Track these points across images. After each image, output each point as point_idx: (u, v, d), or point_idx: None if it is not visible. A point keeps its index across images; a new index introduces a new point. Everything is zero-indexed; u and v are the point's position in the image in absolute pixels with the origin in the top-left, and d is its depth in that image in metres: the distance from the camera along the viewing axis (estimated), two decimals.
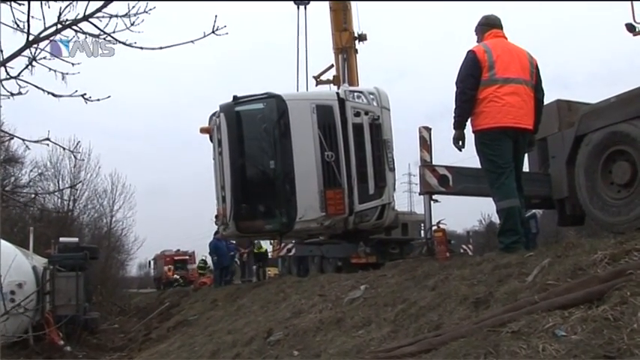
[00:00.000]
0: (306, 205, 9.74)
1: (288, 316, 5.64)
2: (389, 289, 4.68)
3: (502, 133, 5.28)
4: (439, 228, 7.22)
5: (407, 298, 4.19)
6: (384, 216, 10.04)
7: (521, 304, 2.95)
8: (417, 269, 5.03)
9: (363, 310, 4.51)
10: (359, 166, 9.99)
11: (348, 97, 10.18)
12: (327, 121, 9.96)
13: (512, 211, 5.21)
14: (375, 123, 10.06)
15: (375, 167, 10.02)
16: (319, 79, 17.93)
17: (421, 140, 8.05)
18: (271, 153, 10.09)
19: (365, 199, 9.95)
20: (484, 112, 5.30)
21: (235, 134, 10.05)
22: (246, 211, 10.04)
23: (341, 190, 9.79)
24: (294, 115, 9.96)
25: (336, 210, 9.76)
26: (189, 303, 13.00)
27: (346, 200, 9.79)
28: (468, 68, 5.35)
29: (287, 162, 9.88)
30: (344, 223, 10.02)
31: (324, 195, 9.72)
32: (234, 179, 9.98)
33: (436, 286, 4.17)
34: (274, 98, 10.13)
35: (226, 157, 10.05)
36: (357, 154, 9.99)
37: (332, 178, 9.83)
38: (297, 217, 9.75)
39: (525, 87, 5.39)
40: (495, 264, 4.08)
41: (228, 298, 10.06)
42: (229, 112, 10.11)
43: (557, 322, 2.58)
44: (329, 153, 9.81)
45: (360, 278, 5.81)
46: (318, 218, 9.77)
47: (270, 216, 10.14)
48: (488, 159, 5.36)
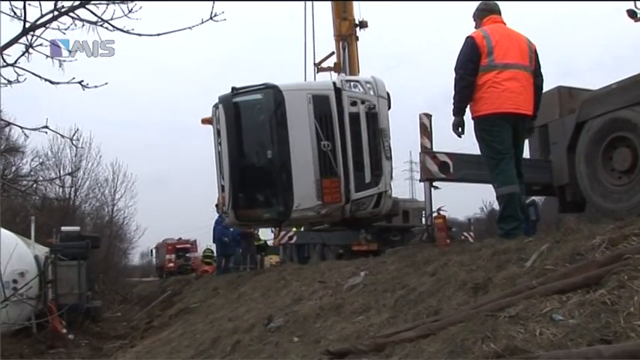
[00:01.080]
0: (302, 194, 9.87)
1: (288, 302, 5.66)
2: (389, 276, 4.70)
3: (501, 118, 5.29)
4: (439, 215, 7.24)
5: (406, 284, 4.21)
6: (381, 204, 10.13)
7: (519, 289, 2.95)
8: (417, 255, 5.04)
9: (362, 296, 4.52)
10: (355, 155, 10.08)
11: (345, 87, 10.23)
12: (324, 111, 10.04)
13: (512, 197, 5.22)
14: (371, 112, 10.09)
15: (372, 156, 10.10)
16: (320, 67, 17.87)
17: (422, 127, 8.06)
18: (268, 143, 10.21)
19: (361, 187, 10.02)
20: (483, 98, 5.30)
21: (233, 125, 10.16)
22: (244, 200, 10.17)
23: (337, 178, 9.89)
24: (290, 105, 10.04)
25: (333, 198, 9.86)
26: (190, 291, 13.05)
27: (342, 189, 9.88)
28: (467, 54, 5.35)
29: (284, 152, 10.00)
30: (341, 212, 10.10)
31: (320, 184, 9.83)
32: (233, 169, 10.11)
33: (435, 272, 4.18)
34: (271, 89, 10.22)
35: (225, 147, 10.21)
36: (354, 143, 10.08)
37: (328, 167, 9.93)
38: (294, 206, 9.86)
39: (524, 72, 5.38)
40: (494, 250, 4.09)
41: (230, 285, 10.14)
42: (228, 103, 10.22)
43: (554, 307, 2.58)
44: (325, 142, 9.89)
45: (360, 265, 5.83)
46: (315, 207, 9.88)
47: (267, 205, 10.30)
48: (488, 145, 5.37)
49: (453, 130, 5.47)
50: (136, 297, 17.79)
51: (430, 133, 8.05)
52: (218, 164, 10.61)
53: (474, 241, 8.26)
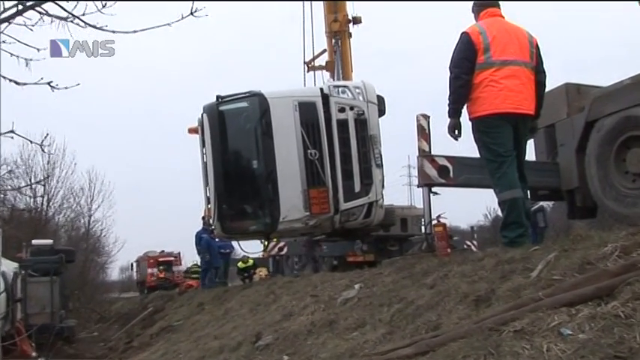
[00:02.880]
0: (289, 204, 10.02)
1: (278, 318, 5.66)
2: (385, 288, 4.71)
3: (501, 119, 5.27)
4: (439, 222, 7.22)
5: (404, 297, 4.21)
6: (372, 214, 10.22)
7: (524, 302, 2.95)
8: (415, 266, 5.02)
9: (357, 310, 4.53)
10: (344, 164, 10.24)
11: (332, 93, 10.38)
12: (310, 118, 10.22)
13: (515, 202, 5.20)
14: (360, 118, 10.22)
15: (361, 164, 10.24)
16: (311, 65, 17.89)
17: (419, 129, 8.06)
18: (254, 152, 10.44)
19: (351, 197, 10.17)
20: (481, 98, 5.29)
21: (218, 134, 10.37)
22: (229, 211, 10.36)
23: (325, 188, 10.05)
24: (276, 112, 10.21)
25: (321, 209, 9.98)
26: (173, 307, 13.03)
27: (331, 199, 10.04)
28: (462, 51, 5.34)
29: (269, 161, 10.18)
30: (330, 223, 10.23)
31: (307, 194, 9.99)
32: (218, 179, 10.33)
33: (435, 283, 4.18)
34: (256, 96, 10.41)
35: (209, 157, 10.43)
36: (342, 151, 10.24)
37: (316, 176, 10.09)
38: (281, 218, 10.01)
39: (525, 69, 5.37)
40: (498, 259, 4.09)
41: (215, 301, 10.15)
42: (212, 112, 10.44)
43: (563, 320, 2.57)
44: (312, 151, 10.06)
45: (355, 277, 5.83)
46: (302, 218, 10.03)
47: (253, 217, 10.51)
48: (488, 148, 5.36)
49: (449, 132, 5.45)
50: (114, 315, 17.76)
51: (428, 135, 8.02)
52: (204, 175, 10.82)
53: (476, 251, 8.28)
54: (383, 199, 10.57)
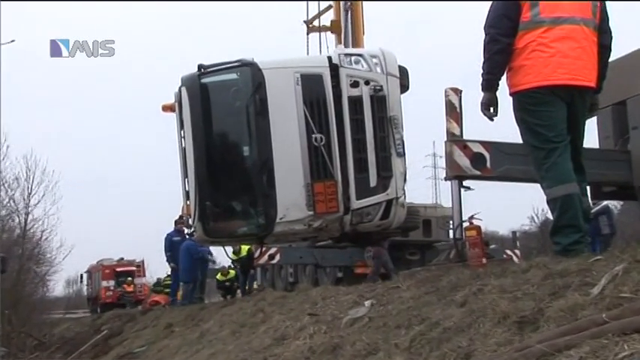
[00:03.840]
0: (288, 202, 10.04)
1: (268, 343, 5.72)
2: (403, 306, 4.72)
3: (551, 94, 5.23)
4: (472, 225, 7.23)
5: (427, 317, 4.22)
6: (391, 214, 10.25)
7: (582, 325, 2.96)
8: (442, 279, 5.06)
9: (367, 333, 4.53)
10: (357, 152, 10.25)
11: (343, 63, 10.37)
12: (316, 95, 10.23)
13: (570, 200, 5.17)
14: (378, 95, 10.26)
15: (378, 152, 10.26)
16: (312, 25, 17.84)
17: (448, 106, 8.02)
18: (245, 136, 10.51)
19: (365, 193, 10.19)
20: (525, 67, 5.26)
21: (200, 113, 10.36)
22: (213, 209, 10.36)
23: (333, 182, 10.05)
24: (272, 87, 10.23)
25: (328, 208, 10.00)
26: (134, 330, 13.12)
27: (340, 195, 10.04)
28: (501, 7, 5.33)
29: (264, 148, 10.21)
30: (339, 225, 10.24)
31: (311, 189, 9.99)
32: (199, 169, 10.32)
33: (466, 300, 4.19)
34: (248, 67, 10.43)
35: (189, 141, 10.43)
36: (355, 136, 10.25)
37: (321, 167, 10.10)
38: (278, 218, 10.01)
39: (584, 28, 5.31)
40: (547, 271, 4.09)
41: (188, 321, 10.22)
42: (193, 85, 10.43)
43: (635, 350, 2.56)
44: (317, 135, 10.07)
45: (365, 292, 5.89)
46: (305, 218, 10.04)
47: (244, 216, 10.58)
48: (534, 131, 5.33)
49: (482, 110, 5.48)
50: (57, 340, 17.83)
51: (460, 114, 7.98)
52: (182, 164, 10.84)
53: (519, 261, 8.27)
54: (405, 195, 10.58)
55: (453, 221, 8.46)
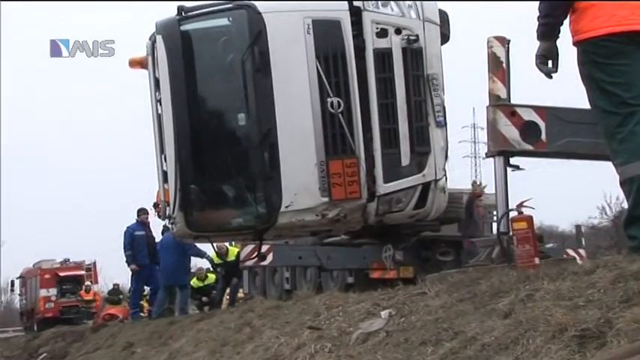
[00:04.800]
0: (296, 185, 9.85)
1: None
2: (430, 317, 4.73)
3: (629, 42, 5.24)
4: (521, 215, 7.19)
5: (460, 330, 4.25)
6: (428, 201, 10.13)
7: None
8: (480, 283, 5.12)
9: (384, 351, 4.56)
10: (384, 121, 10.08)
11: (367, 6, 10.18)
12: (332, 47, 10.03)
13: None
14: (412, 47, 10.10)
15: (413, 122, 10.10)
16: None
17: (491, 61, 7.99)
18: (240, 101, 10.31)
19: (395, 174, 10.05)
20: (594, 8, 5.26)
21: (181, 70, 10.13)
22: (199, 195, 10.18)
23: (354, 159, 9.86)
24: (275, 37, 9.99)
25: (347, 193, 9.81)
26: (83, 353, 13.23)
27: (363, 177, 9.86)
28: None
29: (265, 115, 9.98)
30: (361, 215, 10.09)
31: (326, 168, 9.79)
32: (181, 144, 10.09)
33: (512, 309, 4.21)
34: (244, 10, 10.21)
35: (167, 107, 10.16)
36: (382, 101, 10.08)
37: (339, 140, 9.91)
38: (283, 206, 9.81)
39: None
40: (619, 272, 4.11)
41: (154, 340, 10.20)
42: (171, 33, 10.20)
43: None
44: (334, 100, 9.86)
45: (381, 299, 5.93)
46: (317, 207, 9.85)
47: (238, 204, 10.38)
48: (605, 90, 5.33)
49: (538, 65, 5.56)
50: None
51: (507, 71, 7.95)
52: (158, 136, 10.57)
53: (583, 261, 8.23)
54: (446, 177, 10.47)
55: (497, 211, 8.54)
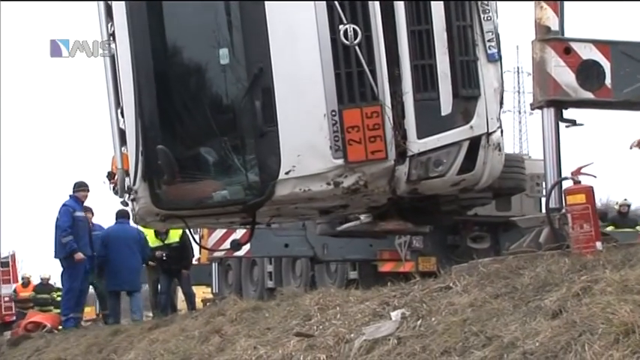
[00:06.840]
0: (299, 143, 9.74)
1: None
2: (455, 318, 4.91)
3: None
4: (578, 185, 7.14)
5: (495, 334, 4.34)
6: (478, 162, 9.96)
7: None
8: (522, 274, 5.08)
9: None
10: (417, 55, 9.94)
11: None
12: None
13: None
14: None
15: (455, 56, 9.97)
16: None
17: None
18: (222, 30, 10.36)
19: (432, 126, 9.94)
20: None
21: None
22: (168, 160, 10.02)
23: (377, 107, 9.68)
24: None
25: (369, 153, 9.64)
26: None
27: (389, 130, 9.65)
28: None
29: (256, 50, 9.98)
30: (387, 182, 9.89)
31: (339, 120, 9.64)
32: (145, 92, 10.14)
33: (563, 307, 4.30)
34: None
35: (124, 41, 10.14)
36: (413, 28, 9.98)
37: (356, 82, 9.77)
38: (282, 172, 9.70)
39: None
40: None
41: (92, 354, 10.22)
42: None
43: None
44: (349, 27, 9.65)
45: (392, 297, 5.79)
46: (329, 172, 9.70)
47: (222, 172, 10.27)
48: None
49: None
50: None
51: None
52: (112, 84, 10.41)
53: None
54: (502, 129, 10.18)
55: (546, 180, 8.37)
